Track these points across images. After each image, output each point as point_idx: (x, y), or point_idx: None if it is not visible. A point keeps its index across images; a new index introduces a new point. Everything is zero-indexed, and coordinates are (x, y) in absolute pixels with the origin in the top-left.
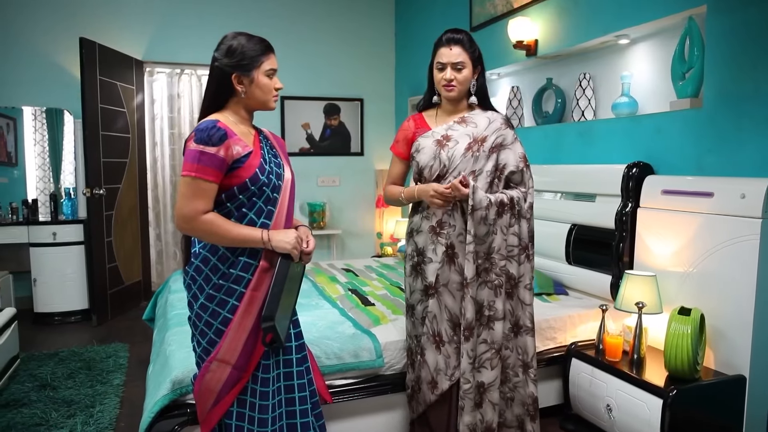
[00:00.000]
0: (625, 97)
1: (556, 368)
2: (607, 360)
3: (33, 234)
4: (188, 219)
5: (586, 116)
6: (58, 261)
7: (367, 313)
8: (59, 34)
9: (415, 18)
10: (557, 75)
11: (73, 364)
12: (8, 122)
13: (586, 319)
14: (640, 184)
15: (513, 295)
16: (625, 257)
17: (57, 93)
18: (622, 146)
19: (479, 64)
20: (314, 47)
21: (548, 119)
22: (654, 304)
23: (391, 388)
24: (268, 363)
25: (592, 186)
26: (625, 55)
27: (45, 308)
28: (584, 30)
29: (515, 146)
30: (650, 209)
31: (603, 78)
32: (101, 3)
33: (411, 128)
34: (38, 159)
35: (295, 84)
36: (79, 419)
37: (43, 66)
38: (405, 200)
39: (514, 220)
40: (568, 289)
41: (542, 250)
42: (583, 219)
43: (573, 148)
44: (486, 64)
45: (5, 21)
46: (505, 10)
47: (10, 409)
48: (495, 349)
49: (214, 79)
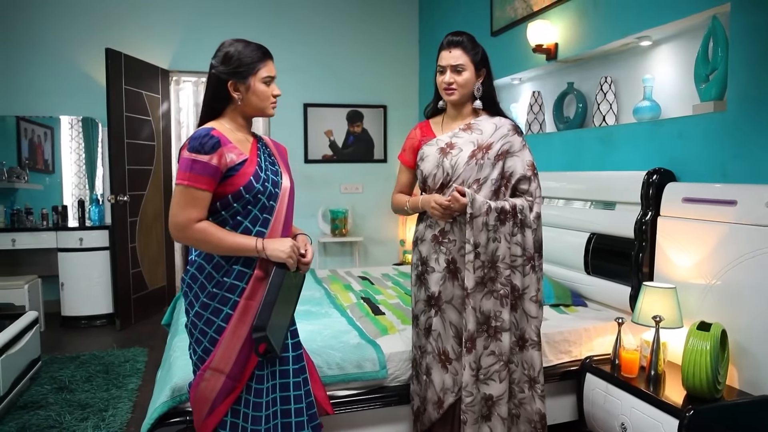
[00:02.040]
0: (646, 101)
1: (570, 383)
2: (623, 376)
3: (61, 239)
4: (181, 228)
5: (608, 121)
6: (85, 266)
7: (375, 323)
8: (90, 46)
9: (439, 24)
10: (578, 79)
11: (92, 367)
12: (46, 131)
13: (603, 332)
14: (660, 192)
15: (517, 307)
16: (644, 268)
17: (88, 102)
18: (643, 152)
19: (484, 68)
20: (338, 54)
21: (569, 124)
22: (673, 317)
23: (395, 399)
24: (263, 373)
25: (611, 193)
26: (648, 58)
27: (72, 312)
28: (605, 32)
29: (523, 154)
30: (671, 218)
31: (625, 82)
32: (129, 15)
33: (417, 136)
34: (74, 167)
35: (318, 91)
36: (91, 423)
37: (76, 76)
38: (410, 210)
39: (517, 229)
40: (586, 301)
41: (560, 260)
42: (602, 227)
43: (593, 154)
44: (507, 69)
45: (40, 34)
46: (525, 14)
47: (28, 411)
48: (503, 361)
49: (210, 86)
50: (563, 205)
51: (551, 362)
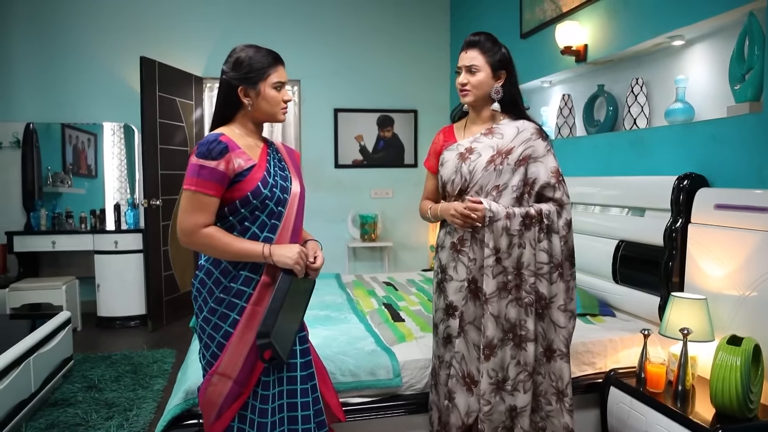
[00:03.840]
0: (679, 102)
1: (593, 396)
2: (648, 391)
3: (98, 242)
4: (188, 233)
5: (639, 124)
6: (120, 268)
7: (394, 329)
8: (129, 55)
9: (470, 27)
10: (609, 81)
11: (122, 367)
12: (89, 137)
13: (629, 344)
14: (691, 198)
15: (544, 316)
16: (674, 277)
17: (127, 109)
18: (674, 156)
19: (503, 69)
20: (368, 59)
21: (600, 128)
22: (703, 330)
23: (411, 408)
24: (269, 380)
25: (640, 199)
26: (680, 58)
27: (107, 312)
28: (635, 32)
29: (547, 159)
30: (702, 225)
31: (657, 83)
32: (165, 24)
33: (440, 141)
34: (115, 171)
35: (348, 96)
36: (115, 422)
37: (116, 84)
38: (432, 218)
39: (543, 235)
40: (615, 311)
41: (588, 268)
42: (631, 235)
43: (623, 159)
44: (536, 72)
45: (81, 45)
46: (554, 15)
47: (57, 408)
48: (528, 371)
49: (221, 92)
50: (591, 210)
51: (574, 374)
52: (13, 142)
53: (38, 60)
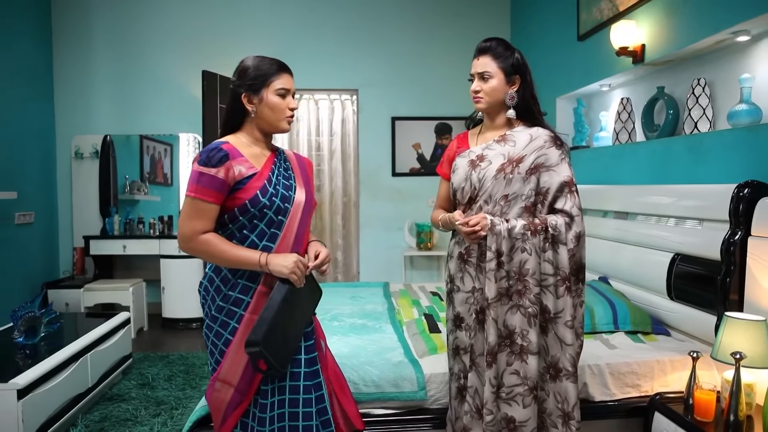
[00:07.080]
0: (744, 104)
1: (637, 421)
2: (696, 419)
3: (164, 246)
4: (186, 238)
5: (700, 128)
6: (183, 272)
7: (427, 341)
8: (192, 69)
9: (530, 32)
10: (670, 83)
11: (176, 367)
12: (166, 148)
13: (680, 367)
14: (752, 208)
15: (548, 330)
16: (732, 295)
17: (194, 121)
18: (736, 162)
19: (517, 74)
20: (425, 66)
21: (659, 133)
22: (761, 355)
23: (436, 423)
24: (267, 388)
25: (697, 210)
26: (746, 55)
27: (171, 314)
28: (695, 29)
29: (561, 168)
30: (763, 238)
31: (721, 83)
32: (228, 39)
33: (453, 148)
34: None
35: (405, 104)
36: (160, 419)
37: (186, 97)
38: (441, 227)
39: (548, 245)
40: (670, 329)
41: (641, 281)
42: (687, 248)
43: (681, 166)
44: (594, 75)
45: (153, 62)
46: (611, 14)
47: (113, 402)
48: (528, 386)
49: (229, 99)
50: (645, 221)
51: (614, 396)
52: (93, 153)
53: (115, 78)
